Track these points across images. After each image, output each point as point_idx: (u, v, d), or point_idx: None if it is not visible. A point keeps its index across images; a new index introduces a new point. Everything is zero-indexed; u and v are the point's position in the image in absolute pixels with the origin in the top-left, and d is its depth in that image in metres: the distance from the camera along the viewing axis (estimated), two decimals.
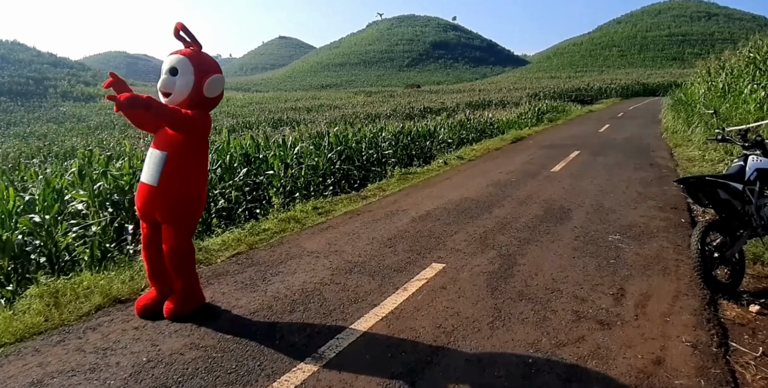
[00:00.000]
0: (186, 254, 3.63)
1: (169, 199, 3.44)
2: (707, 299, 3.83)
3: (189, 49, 3.49)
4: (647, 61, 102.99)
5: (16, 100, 55.46)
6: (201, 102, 3.46)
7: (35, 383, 2.91)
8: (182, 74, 3.35)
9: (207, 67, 3.45)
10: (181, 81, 3.35)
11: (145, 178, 3.47)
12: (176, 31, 3.45)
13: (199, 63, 3.41)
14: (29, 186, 6.71)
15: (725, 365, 2.97)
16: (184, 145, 3.42)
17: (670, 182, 8.15)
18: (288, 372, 2.93)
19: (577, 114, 27.42)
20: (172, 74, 3.37)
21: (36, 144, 26.31)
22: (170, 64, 3.38)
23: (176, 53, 3.44)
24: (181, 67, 3.36)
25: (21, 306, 3.90)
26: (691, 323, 3.47)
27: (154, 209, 3.48)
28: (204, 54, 3.51)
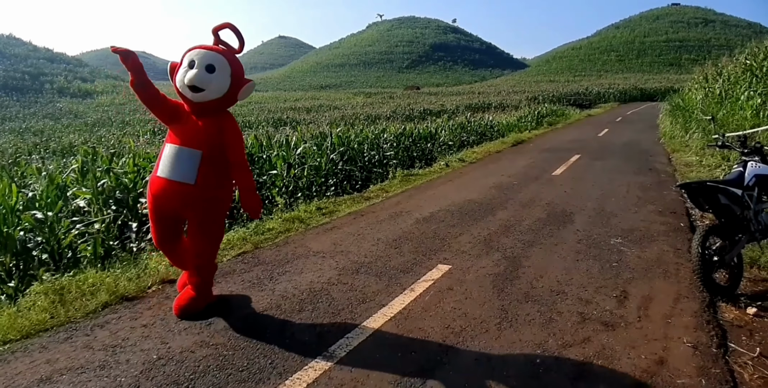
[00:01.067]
0: (215, 249, 3.72)
1: (208, 196, 3.46)
2: (707, 302, 3.89)
3: (222, 48, 3.47)
4: (645, 66, 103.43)
5: (12, 95, 55.11)
6: (229, 101, 3.51)
7: (44, 379, 2.91)
8: (220, 73, 3.35)
9: (241, 71, 3.47)
10: (218, 80, 3.34)
11: (171, 175, 3.40)
12: (219, 28, 3.45)
13: (236, 66, 3.43)
14: (29, 182, 6.69)
15: (725, 365, 3.04)
16: (216, 146, 3.43)
17: (669, 187, 8.24)
18: (300, 370, 2.95)
19: (577, 118, 27.51)
20: (209, 71, 3.33)
21: (32, 140, 26.17)
22: (207, 60, 3.33)
23: (210, 49, 3.40)
24: (219, 65, 3.35)
25: (25, 303, 3.89)
26: (692, 324, 3.53)
27: (187, 207, 3.48)
28: (237, 57, 3.53)
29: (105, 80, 73.90)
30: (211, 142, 3.40)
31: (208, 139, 3.40)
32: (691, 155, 11.17)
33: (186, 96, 3.40)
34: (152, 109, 3.53)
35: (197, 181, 3.37)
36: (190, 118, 3.47)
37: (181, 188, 3.38)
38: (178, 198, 3.43)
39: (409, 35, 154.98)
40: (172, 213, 3.55)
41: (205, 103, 3.40)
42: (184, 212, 3.53)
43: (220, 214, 3.63)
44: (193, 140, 3.41)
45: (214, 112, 3.48)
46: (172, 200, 3.44)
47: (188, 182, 3.37)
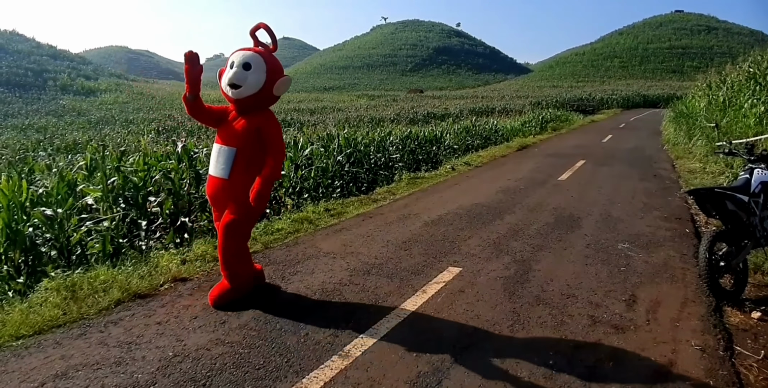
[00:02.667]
0: (243, 240, 3.87)
1: (240, 190, 3.68)
2: (713, 306, 3.93)
3: (260, 48, 3.72)
4: (648, 72, 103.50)
5: (14, 91, 55.00)
6: (267, 97, 3.73)
7: (59, 375, 2.92)
8: (255, 70, 3.60)
9: (277, 68, 3.71)
10: (253, 76, 3.59)
11: (214, 172, 3.72)
12: (255, 29, 3.72)
13: (271, 62, 3.66)
14: (37, 179, 6.69)
15: (731, 368, 3.10)
16: (251, 142, 3.64)
17: (674, 193, 8.29)
18: (316, 369, 2.96)
19: (580, 124, 27.56)
20: (245, 69, 3.59)
21: (35, 137, 26.17)
22: (244, 59, 3.60)
23: (248, 50, 3.68)
24: (255, 63, 3.60)
25: (37, 299, 3.91)
26: (699, 328, 3.58)
27: (225, 200, 3.74)
28: (274, 55, 3.75)
29: (109, 78, 73.85)
30: (246, 140, 3.63)
31: (244, 136, 3.64)
32: (695, 162, 11.20)
33: (228, 94, 3.69)
34: (199, 119, 3.91)
35: (230, 176, 3.64)
36: (232, 120, 3.76)
37: (218, 183, 3.70)
38: (217, 191, 3.75)
39: (413, 38, 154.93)
40: (220, 206, 3.85)
41: (244, 100, 3.66)
42: (225, 205, 3.75)
43: (258, 211, 3.83)
44: (230, 138, 3.69)
45: (254, 109, 3.74)
46: (214, 193, 3.78)
47: (223, 177, 3.66)
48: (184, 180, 6.19)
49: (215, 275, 4.55)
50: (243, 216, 3.75)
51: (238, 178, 3.66)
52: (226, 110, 3.89)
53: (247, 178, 3.71)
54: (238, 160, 3.64)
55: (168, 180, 5.97)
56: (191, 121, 32.52)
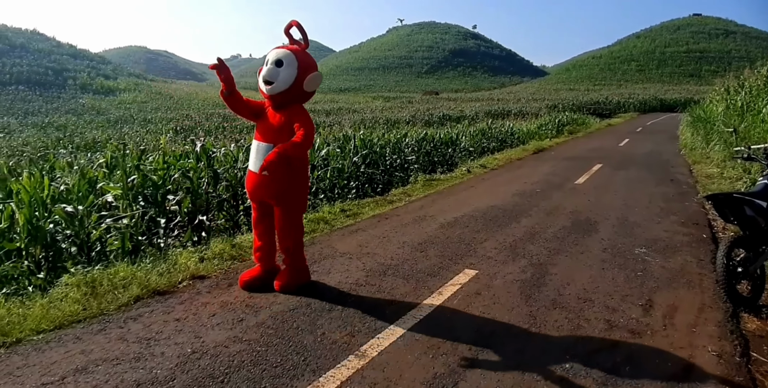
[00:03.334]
0: (297, 232, 4.06)
1: (280, 186, 3.82)
2: (730, 312, 3.90)
3: (294, 46, 3.86)
4: (665, 76, 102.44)
5: (35, 89, 55.71)
6: (299, 93, 3.85)
7: (80, 369, 2.96)
8: (287, 67, 3.74)
9: (309, 64, 3.81)
10: (285, 73, 3.73)
11: (254, 168, 3.88)
12: (288, 27, 3.82)
13: (303, 59, 3.78)
14: (57, 176, 6.78)
15: (747, 374, 3.08)
16: (288, 137, 3.72)
17: (691, 198, 8.22)
18: (333, 368, 2.98)
19: (597, 127, 27.35)
20: (278, 65, 3.75)
21: (55, 135, 26.51)
22: (277, 56, 3.77)
23: (283, 48, 3.86)
24: (287, 60, 3.74)
25: (57, 294, 3.96)
26: (716, 334, 3.55)
27: (267, 195, 3.94)
28: (307, 52, 3.88)
29: (128, 78, 74.58)
30: (282, 135, 3.75)
31: (280, 132, 3.81)
32: (713, 167, 11.06)
33: (263, 90, 3.86)
34: (239, 113, 4.10)
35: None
36: (269, 116, 3.92)
37: (259, 178, 3.84)
38: (258, 187, 3.93)
39: (429, 40, 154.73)
40: (260, 200, 4.04)
41: (277, 95, 3.81)
42: (268, 200, 3.99)
43: (296, 202, 4.02)
44: (267, 135, 3.86)
45: (288, 105, 3.88)
46: (255, 189, 3.96)
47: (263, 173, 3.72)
48: (203, 179, 6.25)
49: (233, 273, 4.60)
50: (292, 210, 4.00)
51: (278, 172, 3.77)
52: (263, 106, 4.03)
53: (288, 171, 3.83)
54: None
55: (186, 179, 6.03)
56: (209, 121, 32.81)
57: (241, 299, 3.99)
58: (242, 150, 7.23)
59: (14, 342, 3.29)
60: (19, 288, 4.29)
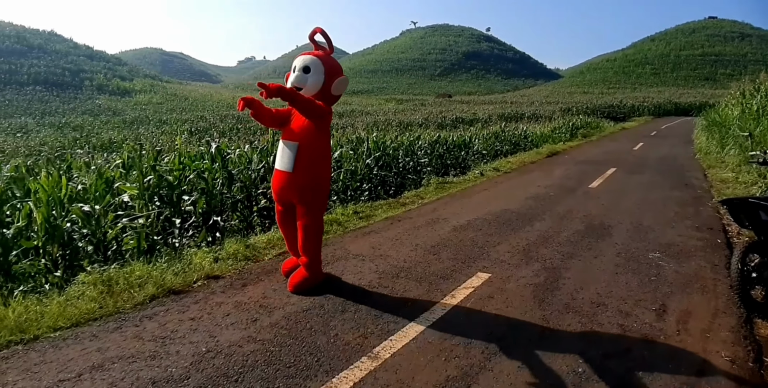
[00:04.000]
0: (318, 232, 4.12)
1: (303, 182, 3.91)
2: (744, 318, 3.88)
3: (320, 52, 3.95)
4: (680, 80, 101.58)
5: (52, 90, 56.36)
6: (326, 98, 3.94)
7: (96, 367, 3.00)
8: (314, 73, 3.86)
9: (335, 69, 3.92)
10: (312, 79, 3.86)
11: (279, 166, 4.02)
12: (313, 33, 3.93)
13: (329, 65, 3.89)
14: (74, 176, 6.86)
15: (761, 379, 3.08)
16: (311, 136, 3.92)
17: (706, 203, 8.15)
18: (346, 369, 3.00)
19: (611, 131, 27.19)
20: (305, 72, 3.88)
21: (72, 135, 26.81)
22: (304, 63, 3.89)
23: (309, 54, 3.96)
24: (314, 66, 3.86)
25: (73, 292, 4.01)
26: (730, 339, 3.54)
27: (290, 192, 4.03)
28: (332, 58, 3.99)
29: (143, 79, 75.31)
30: (308, 134, 3.91)
31: (306, 131, 3.92)
32: (728, 172, 10.96)
33: None
34: (267, 125, 4.20)
35: (294, 169, 3.92)
36: (296, 117, 4.02)
37: (284, 176, 3.99)
38: (284, 185, 4.03)
39: (442, 43, 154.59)
40: (284, 198, 4.14)
41: None
42: (291, 198, 4.07)
43: (317, 200, 4.10)
44: (293, 134, 3.96)
45: None
46: (280, 186, 4.06)
47: (288, 170, 3.95)
48: (217, 180, 6.30)
49: (247, 273, 4.64)
50: (314, 210, 4.07)
51: (301, 171, 3.92)
52: (290, 111, 4.13)
53: (310, 171, 3.94)
54: (300, 154, 3.90)
55: (201, 180, 6.08)
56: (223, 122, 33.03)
57: (255, 300, 4.02)
58: (256, 151, 7.28)
59: (32, 339, 3.34)
60: (36, 286, 4.35)
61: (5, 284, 4.27)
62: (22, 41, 69.32)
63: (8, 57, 61.88)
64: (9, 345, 3.26)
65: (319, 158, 4.00)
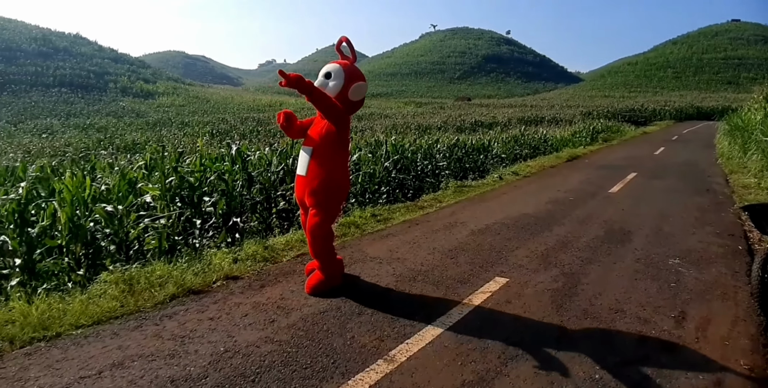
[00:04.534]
0: (324, 236, 4.13)
1: (315, 186, 3.99)
2: (764, 326, 3.83)
3: (344, 60, 4.10)
4: (702, 83, 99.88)
5: (77, 92, 57.21)
6: (344, 103, 4.01)
7: (116, 364, 3.06)
8: (334, 79, 4.02)
9: (354, 75, 4.03)
10: (332, 84, 4.01)
11: (298, 171, 4.17)
12: (339, 43, 4.11)
13: (349, 72, 4.01)
14: (98, 176, 6.98)
15: None
16: (326, 141, 4.01)
17: (727, 209, 8.03)
18: (362, 372, 3.01)
19: (632, 135, 26.87)
20: (327, 78, 4.05)
21: (96, 136, 27.24)
22: (326, 70, 4.08)
23: (334, 62, 4.14)
24: (335, 73, 4.03)
25: (96, 291, 4.09)
26: (749, 347, 3.50)
27: (304, 195, 4.13)
28: (355, 66, 4.12)
29: (166, 82, 76.25)
30: (322, 138, 4.02)
31: (321, 135, 4.03)
32: (750, 177, 10.79)
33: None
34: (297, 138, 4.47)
35: (307, 172, 4.05)
36: (316, 123, 4.18)
37: (300, 180, 4.14)
38: (299, 188, 4.17)
39: (462, 46, 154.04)
40: (302, 202, 4.26)
41: None
42: (305, 200, 4.15)
43: (328, 204, 4.14)
44: (310, 140, 4.11)
45: None
46: (298, 191, 4.21)
47: (302, 174, 4.09)
48: (237, 182, 6.37)
49: (265, 274, 4.69)
50: (322, 212, 4.10)
51: (313, 174, 4.03)
52: (313, 120, 4.30)
53: (322, 175, 4.02)
54: (313, 157, 4.03)
55: (222, 181, 6.15)
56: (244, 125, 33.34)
57: (273, 301, 4.06)
58: (276, 154, 7.34)
59: (54, 336, 3.42)
60: (59, 284, 4.44)
61: (29, 282, 4.36)
62: (48, 44, 70.56)
63: (35, 59, 63.00)
64: (32, 342, 3.33)
65: (332, 163, 4.06)
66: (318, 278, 4.24)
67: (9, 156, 17.61)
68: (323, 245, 4.18)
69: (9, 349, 3.23)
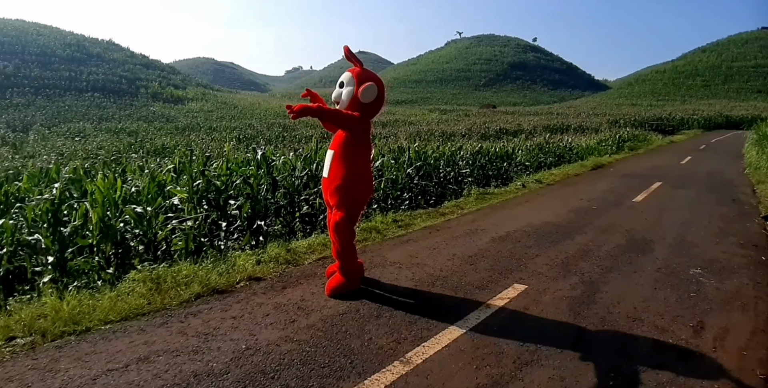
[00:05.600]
0: (346, 234, 4.26)
1: (336, 187, 4.15)
2: None
3: (355, 68, 4.25)
4: (731, 92, 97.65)
5: (109, 97, 58.20)
6: (359, 106, 4.18)
7: (142, 359, 3.19)
8: (347, 85, 4.24)
9: (364, 79, 4.17)
10: (346, 90, 4.23)
11: (324, 173, 4.35)
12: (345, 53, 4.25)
13: (360, 77, 4.18)
14: (128, 179, 7.19)
15: None
16: (345, 145, 4.21)
17: (753, 219, 7.95)
18: (378, 372, 3.09)
19: (659, 144, 26.52)
20: (341, 86, 4.28)
21: (127, 140, 27.81)
22: (341, 79, 4.30)
23: (347, 71, 4.35)
24: (346, 80, 4.26)
25: (124, 288, 4.25)
26: (766, 358, 3.49)
27: (327, 196, 4.34)
28: (366, 70, 4.27)
29: (195, 88, 77.37)
30: (341, 143, 4.21)
31: (341, 139, 4.22)
32: None
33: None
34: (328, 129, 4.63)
35: (329, 174, 4.24)
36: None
37: (324, 182, 4.35)
38: (324, 188, 4.38)
39: (488, 53, 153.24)
40: (327, 202, 4.46)
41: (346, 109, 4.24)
42: (328, 199, 4.35)
43: (351, 205, 4.26)
44: (333, 143, 4.31)
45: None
46: (324, 190, 4.40)
47: (325, 176, 4.30)
48: (262, 186, 6.51)
49: (287, 276, 4.80)
50: (344, 212, 4.22)
51: (333, 175, 4.22)
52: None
53: (343, 176, 4.18)
54: (335, 159, 4.22)
55: (247, 185, 6.30)
56: (269, 130, 33.69)
57: (293, 302, 4.16)
58: (300, 159, 7.48)
59: (84, 331, 3.57)
60: (89, 282, 4.60)
61: (61, 279, 4.53)
62: (82, 50, 72.14)
63: (69, 64, 64.43)
64: (62, 335, 3.48)
65: (353, 165, 4.19)
66: (338, 280, 4.35)
67: (43, 158, 18.11)
68: (345, 246, 4.29)
69: (41, 342, 3.39)
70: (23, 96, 49.76)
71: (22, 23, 75.05)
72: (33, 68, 57.64)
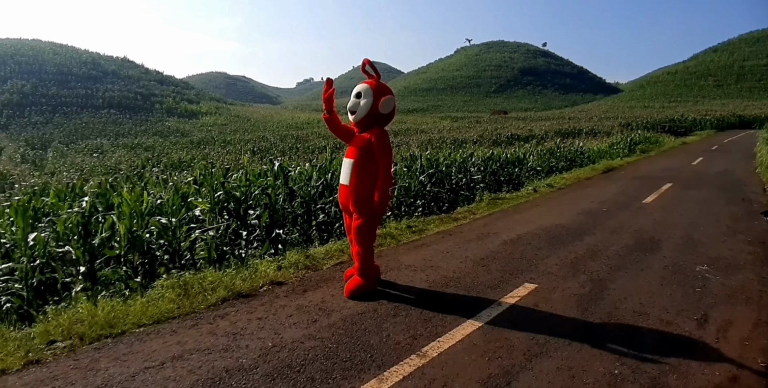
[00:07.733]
0: (367, 239, 4.55)
1: (358, 194, 4.40)
2: None
3: (371, 80, 4.49)
4: (744, 91, 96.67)
5: (125, 113, 59.09)
6: (377, 116, 4.47)
7: (176, 357, 3.43)
8: (364, 97, 4.46)
9: (382, 91, 4.43)
10: (363, 102, 4.45)
11: (342, 180, 4.58)
12: (363, 65, 4.50)
13: (377, 89, 4.43)
14: (150, 192, 7.46)
15: None
16: (364, 155, 4.45)
17: (761, 217, 8.05)
18: (396, 365, 3.30)
19: (671, 146, 26.51)
20: (357, 97, 4.49)
21: (144, 155, 28.34)
22: (357, 90, 4.51)
23: (363, 83, 4.55)
24: (364, 92, 4.47)
25: (154, 294, 4.51)
26: None
27: (349, 203, 4.53)
28: (382, 83, 4.52)
29: (209, 102, 78.32)
30: (361, 153, 4.45)
31: (360, 150, 4.47)
32: None
33: (350, 119, 4.61)
34: (335, 133, 4.80)
35: (351, 182, 4.47)
36: (356, 138, 4.60)
37: (344, 189, 4.56)
38: (343, 196, 4.59)
39: (498, 59, 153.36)
40: (346, 208, 4.67)
41: (360, 121, 4.53)
42: (350, 207, 4.55)
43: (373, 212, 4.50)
44: (351, 152, 4.53)
45: (368, 128, 4.54)
46: (342, 198, 4.62)
47: (346, 184, 4.51)
48: (279, 196, 6.77)
49: (307, 280, 5.04)
50: (366, 217, 4.48)
51: (354, 183, 4.45)
52: (355, 130, 4.69)
53: (361, 183, 4.44)
54: (354, 169, 4.45)
55: (265, 195, 6.56)
56: (283, 142, 34.11)
57: (314, 303, 4.40)
58: (315, 169, 7.73)
59: (119, 334, 3.83)
60: (117, 291, 4.86)
61: (91, 288, 4.80)
62: (97, 67, 73.34)
63: (85, 82, 65.54)
64: (99, 338, 3.74)
65: (371, 174, 4.43)
66: (357, 282, 4.57)
67: (64, 174, 18.61)
68: (365, 248, 4.55)
69: (80, 344, 3.65)
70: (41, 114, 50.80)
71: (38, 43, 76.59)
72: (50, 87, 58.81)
